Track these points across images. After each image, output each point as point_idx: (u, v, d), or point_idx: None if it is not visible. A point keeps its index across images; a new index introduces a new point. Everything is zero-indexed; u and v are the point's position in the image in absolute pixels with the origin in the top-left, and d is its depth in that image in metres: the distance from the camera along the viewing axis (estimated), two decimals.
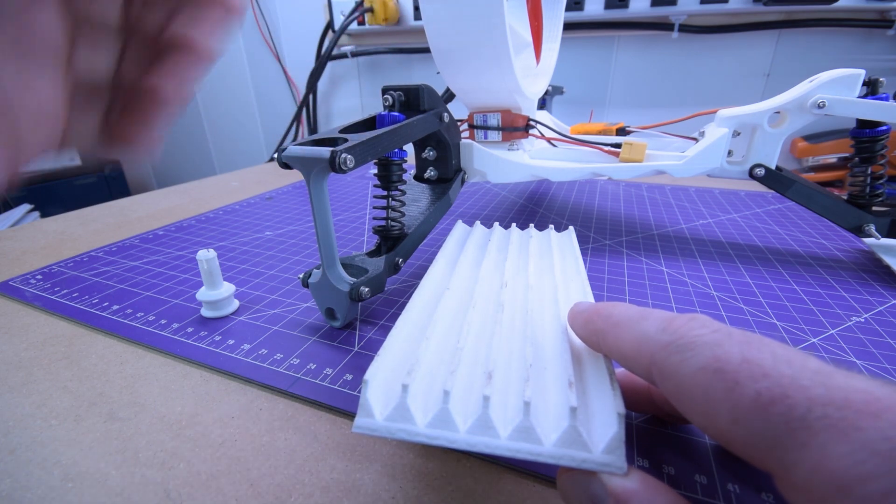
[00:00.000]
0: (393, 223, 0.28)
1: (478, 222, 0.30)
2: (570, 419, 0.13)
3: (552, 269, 0.24)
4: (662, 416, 0.18)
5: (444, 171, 0.35)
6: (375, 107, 0.87)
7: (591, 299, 0.21)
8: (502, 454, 0.13)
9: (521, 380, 0.15)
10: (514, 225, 0.30)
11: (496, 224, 0.30)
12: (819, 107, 0.30)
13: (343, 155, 0.20)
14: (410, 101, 0.29)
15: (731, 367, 0.11)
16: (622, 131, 0.41)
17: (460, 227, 0.30)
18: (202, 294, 0.27)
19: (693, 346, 0.12)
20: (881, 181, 0.32)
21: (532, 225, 0.30)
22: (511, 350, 0.17)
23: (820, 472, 0.09)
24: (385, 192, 0.28)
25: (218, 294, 0.27)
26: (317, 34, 0.83)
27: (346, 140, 0.22)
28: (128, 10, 0.13)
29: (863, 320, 0.26)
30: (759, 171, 0.33)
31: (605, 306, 0.16)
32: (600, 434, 0.13)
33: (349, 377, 0.22)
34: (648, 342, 0.13)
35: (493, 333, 0.17)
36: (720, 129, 0.33)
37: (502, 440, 0.13)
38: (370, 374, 0.15)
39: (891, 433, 0.08)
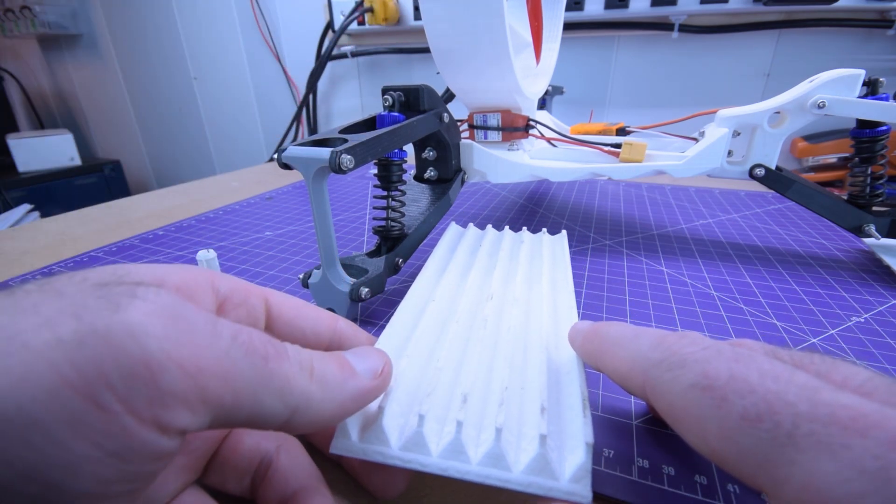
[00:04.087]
0: (393, 223, 0.28)
1: (471, 224, 0.30)
2: (540, 447, 0.13)
3: (540, 278, 0.24)
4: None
5: (444, 172, 0.35)
6: (375, 107, 0.87)
7: (575, 311, 0.21)
8: (472, 480, 0.13)
9: (495, 403, 0.15)
10: (507, 227, 0.30)
11: (489, 227, 0.30)
12: (819, 107, 0.30)
13: (343, 155, 0.20)
14: (410, 101, 0.29)
15: (718, 383, 0.11)
16: (622, 131, 0.41)
17: (453, 229, 0.30)
18: None
19: (683, 364, 0.12)
20: (881, 181, 0.32)
21: (525, 228, 0.30)
22: (489, 370, 0.17)
23: (809, 490, 0.09)
24: (385, 193, 0.28)
25: None
26: (317, 34, 0.83)
27: (345, 140, 0.22)
28: None
29: (863, 320, 0.26)
30: (759, 172, 0.33)
31: (602, 326, 0.16)
32: (569, 462, 0.13)
33: None
34: (641, 360, 0.14)
35: (473, 352, 0.17)
36: (720, 129, 0.33)
37: (473, 465, 0.13)
38: None
39: (878, 451, 0.08)
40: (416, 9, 0.73)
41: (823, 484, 0.09)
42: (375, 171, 0.28)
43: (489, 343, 0.18)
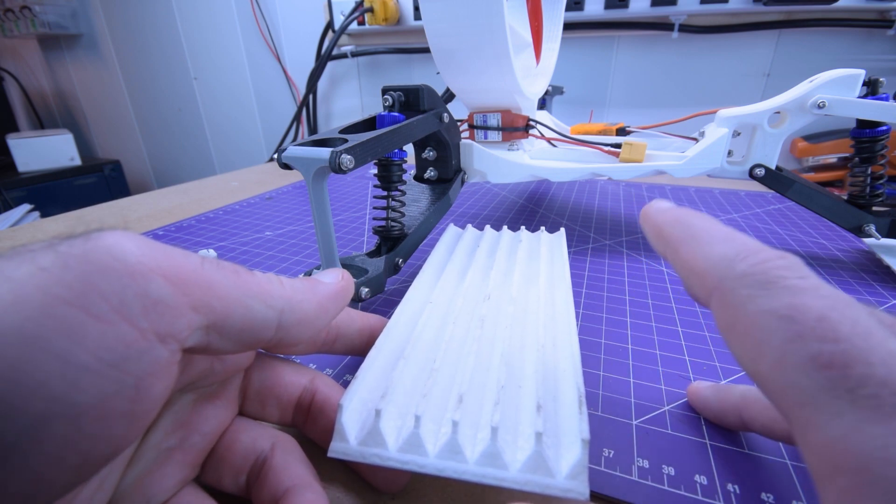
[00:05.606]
0: (393, 223, 0.28)
1: (469, 225, 0.30)
2: (536, 444, 0.13)
3: (538, 276, 0.24)
4: (749, 430, 0.18)
5: (444, 172, 0.35)
6: (375, 107, 0.87)
7: (573, 307, 0.21)
8: (469, 479, 0.13)
9: (491, 402, 0.15)
10: (505, 227, 0.30)
11: (487, 227, 0.30)
12: (819, 107, 0.30)
13: (343, 156, 0.20)
14: (410, 101, 0.29)
15: (803, 319, 0.10)
16: (622, 131, 0.41)
17: (451, 231, 0.30)
18: None
19: (770, 286, 0.11)
20: (881, 181, 0.32)
21: (523, 227, 0.30)
22: (486, 369, 0.17)
23: (843, 443, 0.09)
24: (385, 193, 0.28)
25: None
26: (317, 34, 0.83)
27: (345, 140, 0.22)
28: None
29: None
30: (759, 172, 0.33)
31: (686, 213, 0.15)
32: (565, 459, 0.13)
33: (348, 378, 0.22)
34: (723, 266, 0.12)
35: (469, 352, 0.17)
36: (720, 129, 0.33)
37: (470, 465, 0.13)
38: (346, 399, 0.15)
39: None
40: (416, 9, 0.73)
41: (862, 442, 0.09)
42: (375, 171, 0.28)
43: (486, 342, 0.18)
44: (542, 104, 0.58)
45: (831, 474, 0.09)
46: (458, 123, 0.36)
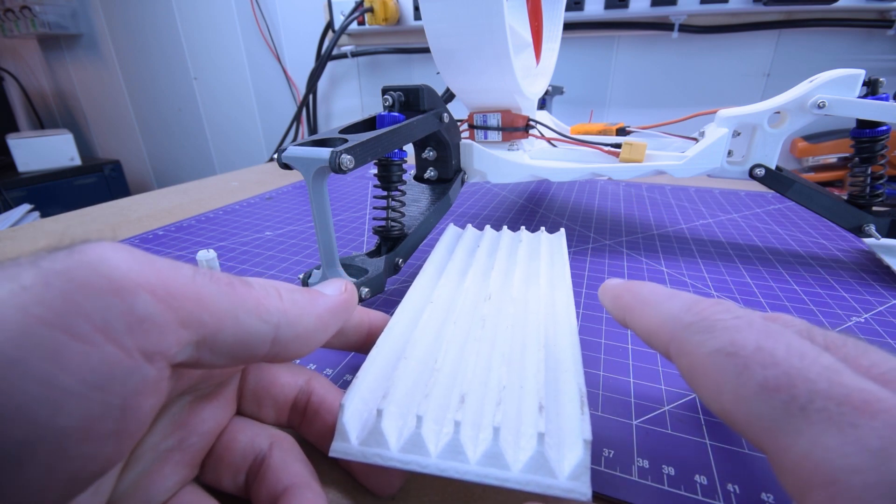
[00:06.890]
0: (393, 223, 0.28)
1: (469, 225, 0.30)
2: (538, 445, 0.13)
3: (538, 276, 0.24)
4: None
5: (444, 172, 0.35)
6: (375, 107, 0.87)
7: (573, 308, 0.21)
8: (471, 479, 0.13)
9: (493, 403, 0.15)
10: (505, 227, 0.30)
11: (487, 227, 0.30)
12: (819, 107, 0.30)
13: (343, 156, 0.20)
14: (410, 101, 0.29)
15: (744, 352, 0.11)
16: (622, 131, 0.41)
17: (451, 230, 0.30)
18: None
19: (712, 328, 0.12)
20: (881, 181, 0.32)
21: (523, 227, 0.30)
22: (487, 370, 0.17)
23: (810, 459, 0.09)
24: (385, 193, 0.28)
25: None
26: (317, 34, 0.83)
27: (345, 140, 0.22)
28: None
29: (863, 320, 0.26)
30: (759, 172, 0.33)
31: (634, 284, 0.17)
32: (567, 459, 0.13)
33: (349, 378, 0.22)
34: (672, 321, 0.14)
35: (470, 352, 0.17)
36: (720, 129, 0.33)
37: (472, 465, 0.13)
38: (347, 399, 0.15)
39: (884, 433, 0.09)
40: (416, 9, 0.73)
41: (824, 455, 0.09)
42: (375, 171, 0.28)
43: (487, 343, 0.18)
44: (542, 104, 0.58)
45: (805, 491, 0.10)
46: (458, 123, 0.36)
